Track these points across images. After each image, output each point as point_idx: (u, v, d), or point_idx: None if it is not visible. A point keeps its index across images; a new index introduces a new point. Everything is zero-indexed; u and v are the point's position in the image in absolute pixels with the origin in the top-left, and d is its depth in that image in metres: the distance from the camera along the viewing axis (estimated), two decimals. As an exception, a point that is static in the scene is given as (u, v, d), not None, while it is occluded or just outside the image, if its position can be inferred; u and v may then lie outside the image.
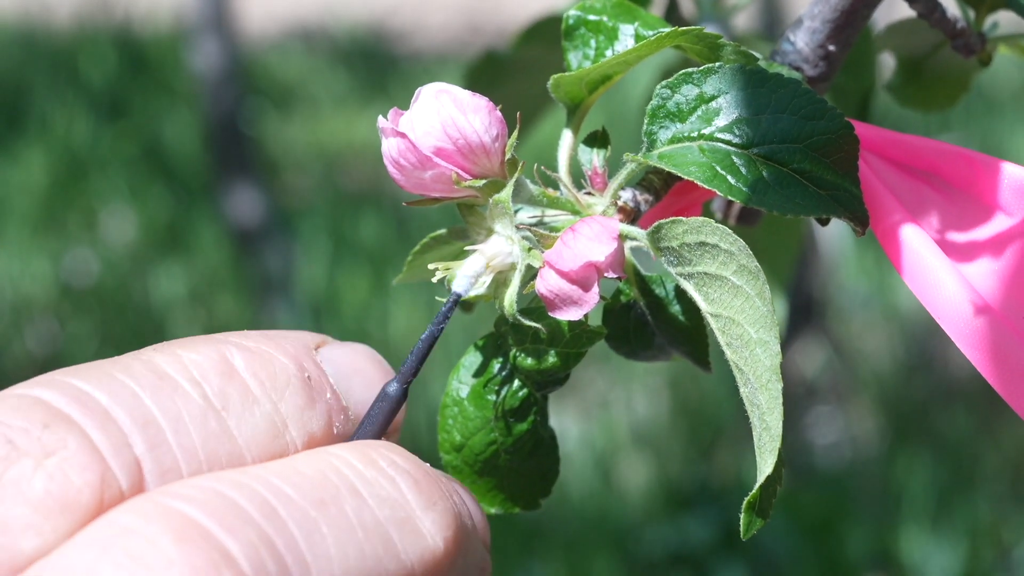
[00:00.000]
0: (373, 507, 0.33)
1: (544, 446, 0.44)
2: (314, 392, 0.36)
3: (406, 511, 0.34)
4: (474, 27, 4.60)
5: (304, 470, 0.33)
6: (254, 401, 0.35)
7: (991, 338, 0.39)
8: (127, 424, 0.32)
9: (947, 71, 0.56)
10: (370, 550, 0.32)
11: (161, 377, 0.34)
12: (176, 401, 0.34)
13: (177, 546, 0.30)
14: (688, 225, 0.39)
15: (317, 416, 0.36)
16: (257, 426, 0.35)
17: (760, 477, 0.38)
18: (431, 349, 0.39)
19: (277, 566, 0.30)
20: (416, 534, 0.33)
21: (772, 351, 0.38)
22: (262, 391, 0.35)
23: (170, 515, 0.30)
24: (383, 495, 0.34)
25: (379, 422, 0.38)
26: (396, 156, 0.41)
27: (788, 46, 0.46)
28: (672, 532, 2.00)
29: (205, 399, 0.34)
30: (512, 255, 0.41)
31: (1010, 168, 0.43)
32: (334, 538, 0.32)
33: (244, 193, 2.52)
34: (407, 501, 0.34)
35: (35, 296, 2.69)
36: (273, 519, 0.31)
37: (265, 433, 0.35)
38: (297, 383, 0.36)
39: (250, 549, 0.30)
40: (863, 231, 0.41)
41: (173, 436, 0.33)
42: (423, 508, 0.34)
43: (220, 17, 2.49)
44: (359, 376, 0.39)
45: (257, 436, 0.34)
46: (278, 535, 0.31)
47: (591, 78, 0.44)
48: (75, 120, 3.35)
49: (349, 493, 0.33)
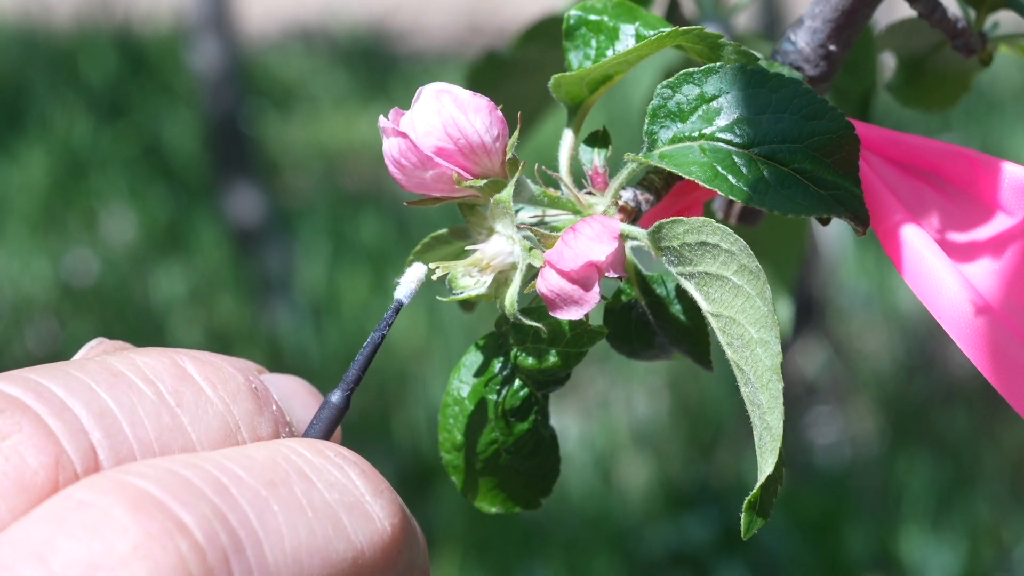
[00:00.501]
0: (322, 490, 0.34)
1: (545, 446, 0.44)
2: (261, 401, 0.37)
3: (355, 496, 0.34)
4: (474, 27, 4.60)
5: (255, 455, 0.34)
6: (207, 401, 0.35)
7: (992, 338, 0.39)
8: (83, 414, 0.33)
9: (948, 71, 0.56)
10: (320, 529, 0.33)
11: (116, 375, 0.34)
12: (131, 396, 0.34)
13: (132, 515, 0.30)
14: (689, 225, 0.39)
15: (266, 423, 0.37)
16: (210, 424, 0.35)
17: (761, 477, 0.38)
18: (373, 357, 0.39)
19: (230, 539, 0.31)
20: (366, 517, 0.34)
21: (773, 351, 0.38)
22: (214, 393, 0.36)
23: (125, 488, 0.31)
24: (332, 480, 0.34)
25: (322, 429, 0.38)
26: (397, 156, 0.41)
27: (789, 46, 0.46)
28: (672, 532, 2.00)
29: (159, 396, 0.35)
30: (513, 255, 0.41)
31: (1010, 168, 0.43)
32: (285, 516, 0.32)
33: (244, 193, 2.52)
34: (356, 487, 0.34)
35: (35, 296, 2.69)
36: (225, 496, 0.32)
37: (218, 431, 0.35)
38: (246, 391, 0.37)
39: (204, 521, 0.31)
40: (864, 231, 0.41)
41: (129, 427, 0.33)
42: (372, 494, 0.35)
43: (220, 17, 2.49)
44: (298, 398, 0.39)
45: (210, 434, 0.35)
46: (231, 511, 0.31)
47: (592, 78, 0.44)
48: (75, 120, 3.35)
49: (298, 477, 0.34)
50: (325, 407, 0.38)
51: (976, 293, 0.40)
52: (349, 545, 0.33)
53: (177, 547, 0.30)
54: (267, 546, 0.32)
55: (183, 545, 0.30)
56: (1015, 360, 0.39)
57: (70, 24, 4.08)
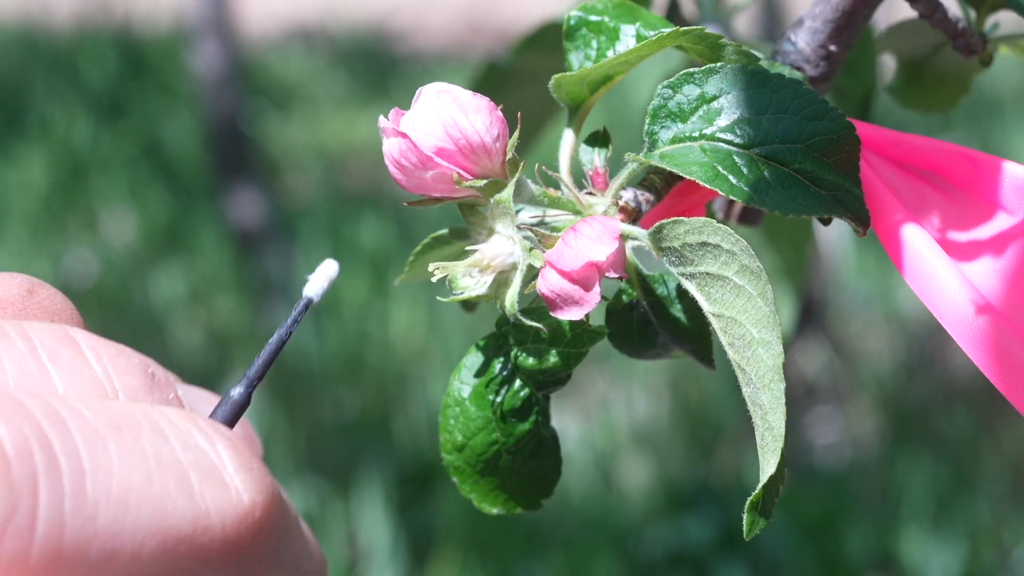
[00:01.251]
0: (175, 447, 0.33)
1: (546, 446, 0.44)
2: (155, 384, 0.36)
3: (213, 462, 0.33)
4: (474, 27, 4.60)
5: (112, 405, 0.33)
6: (85, 364, 0.35)
7: (993, 337, 0.39)
8: None
9: (948, 72, 0.56)
10: (159, 479, 0.32)
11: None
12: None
13: None
14: (690, 225, 0.39)
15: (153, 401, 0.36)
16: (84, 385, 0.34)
17: (763, 477, 0.38)
18: (278, 354, 0.38)
19: (46, 461, 0.30)
20: (220, 484, 0.33)
21: (774, 351, 0.38)
22: (97, 361, 0.35)
23: None
24: (190, 443, 0.33)
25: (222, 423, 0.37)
26: (397, 156, 0.41)
27: (789, 46, 0.46)
28: (672, 532, 2.00)
29: (31, 349, 0.34)
30: (513, 255, 0.41)
31: (1011, 167, 0.43)
32: (121, 458, 0.31)
33: (244, 194, 2.52)
34: (219, 455, 0.33)
35: (35, 296, 2.68)
36: (57, 424, 0.31)
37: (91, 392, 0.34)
38: (137, 370, 0.36)
39: (19, 436, 0.30)
40: (864, 231, 0.41)
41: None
42: (236, 467, 0.34)
43: (220, 18, 2.49)
44: (208, 405, 0.39)
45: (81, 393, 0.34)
46: (58, 437, 0.31)
47: (592, 78, 0.44)
48: (75, 121, 3.35)
49: (151, 429, 0.33)
50: (225, 401, 0.38)
51: (977, 292, 0.40)
52: (191, 503, 0.32)
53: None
54: (90, 479, 0.31)
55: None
56: (1016, 359, 0.39)
57: (70, 25, 4.08)
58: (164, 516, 0.31)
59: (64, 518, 0.30)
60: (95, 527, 0.30)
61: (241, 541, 0.33)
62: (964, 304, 0.40)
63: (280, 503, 0.34)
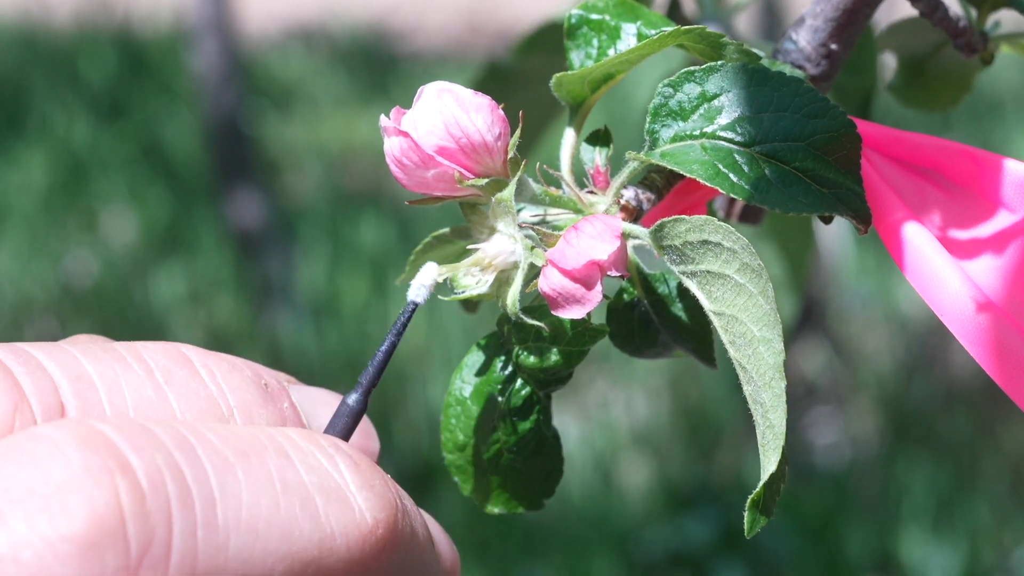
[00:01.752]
0: (300, 470, 0.33)
1: (548, 446, 0.44)
2: (269, 396, 0.37)
3: (337, 483, 0.34)
4: (474, 27, 4.60)
5: (236, 430, 0.33)
6: (200, 384, 0.35)
7: (994, 334, 0.39)
8: (57, 374, 0.33)
9: (949, 71, 0.56)
10: (286, 505, 0.32)
11: (106, 351, 0.35)
12: (116, 368, 0.34)
13: (77, 449, 0.30)
14: (691, 223, 0.39)
15: (268, 415, 0.36)
16: (200, 405, 0.35)
17: (764, 475, 0.38)
18: (389, 359, 0.39)
19: (179, 492, 0.31)
20: (344, 504, 0.33)
21: (775, 349, 0.38)
22: (211, 379, 0.36)
23: (82, 427, 0.31)
24: (314, 464, 0.34)
25: (338, 431, 0.38)
26: (398, 155, 0.40)
27: (790, 45, 0.46)
28: (672, 532, 2.00)
29: (147, 372, 0.35)
30: (515, 254, 0.41)
31: (1012, 164, 0.43)
32: (249, 485, 0.32)
33: (244, 194, 2.52)
34: (341, 475, 0.34)
35: (35, 296, 2.69)
36: (187, 452, 0.31)
37: (208, 413, 0.35)
38: (251, 383, 0.36)
39: (152, 468, 0.30)
40: (865, 229, 0.41)
41: (105, 394, 0.33)
42: (358, 486, 0.34)
43: (220, 18, 2.49)
44: (325, 407, 0.39)
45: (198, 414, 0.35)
46: (188, 466, 0.31)
47: (593, 77, 0.44)
48: (75, 121, 3.35)
49: (276, 453, 0.33)
50: (342, 411, 0.38)
51: (978, 290, 0.40)
52: (316, 527, 0.32)
53: (115, 485, 0.30)
54: (221, 508, 0.31)
55: (122, 484, 0.30)
56: (1018, 356, 0.39)
57: (70, 24, 4.08)
58: (292, 541, 0.32)
59: (197, 547, 0.30)
60: (226, 555, 0.31)
61: (365, 560, 0.33)
62: (965, 301, 0.40)
63: (403, 516, 0.35)
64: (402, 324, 0.39)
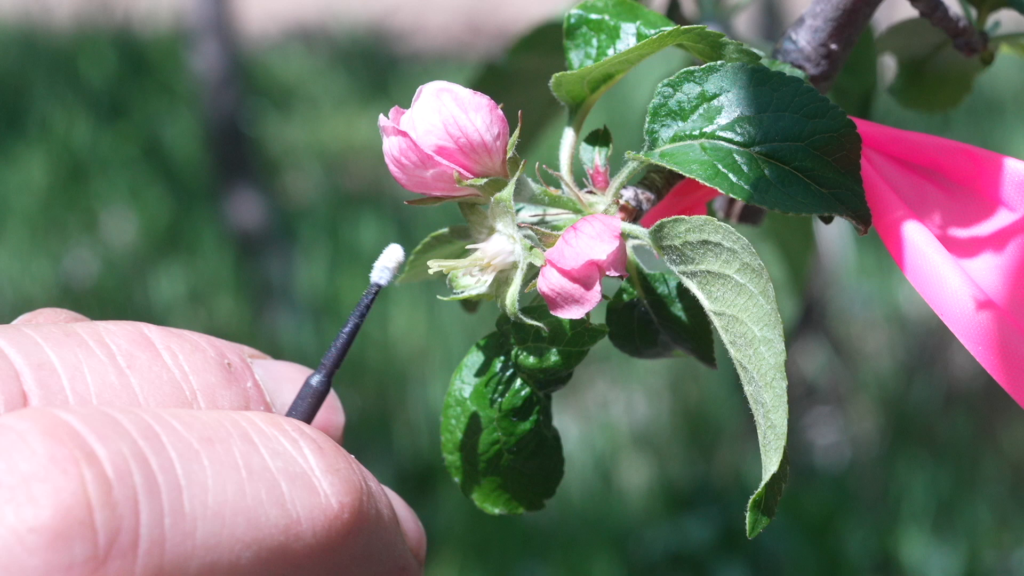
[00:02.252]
0: (265, 455, 0.33)
1: (547, 446, 0.44)
2: (232, 376, 0.37)
3: (302, 468, 0.34)
4: (474, 27, 4.60)
5: (200, 415, 0.33)
6: (163, 367, 0.35)
7: (994, 333, 0.39)
8: (19, 362, 0.33)
9: (949, 72, 0.56)
10: (252, 491, 0.32)
11: (68, 335, 0.34)
12: (77, 354, 0.34)
13: (43, 440, 0.30)
14: (690, 223, 0.39)
15: (232, 396, 0.36)
16: (162, 390, 0.35)
17: (765, 475, 0.38)
18: (352, 341, 0.39)
19: (145, 480, 0.31)
20: (309, 489, 0.33)
21: (776, 349, 0.38)
22: (173, 361, 0.36)
23: (46, 417, 0.31)
24: (278, 449, 0.34)
25: (301, 412, 0.38)
26: (397, 155, 0.40)
27: (790, 45, 0.46)
28: (672, 532, 2.00)
29: (110, 356, 0.34)
30: (514, 254, 0.41)
31: (1012, 163, 0.43)
32: (214, 471, 0.32)
33: (244, 194, 2.52)
34: (306, 460, 0.34)
35: (35, 296, 2.69)
36: (152, 440, 0.31)
37: (170, 397, 0.35)
38: (214, 364, 0.36)
39: (118, 457, 0.30)
40: (865, 229, 0.41)
41: (68, 381, 0.33)
42: (323, 470, 0.34)
43: (220, 18, 2.49)
44: (290, 383, 0.39)
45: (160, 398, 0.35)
46: (154, 454, 0.31)
47: (593, 77, 0.44)
48: (75, 121, 3.35)
49: (240, 439, 0.33)
50: (305, 392, 0.38)
51: (978, 288, 0.40)
52: (282, 512, 0.33)
53: (81, 475, 0.30)
54: (187, 496, 0.31)
55: (88, 474, 0.30)
56: (1018, 354, 0.39)
57: (70, 25, 4.08)
58: (258, 527, 0.32)
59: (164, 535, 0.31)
60: (193, 543, 0.31)
61: (331, 543, 0.33)
62: (965, 300, 0.40)
63: (368, 499, 0.35)
64: (365, 306, 0.39)
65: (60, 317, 0.38)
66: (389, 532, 0.36)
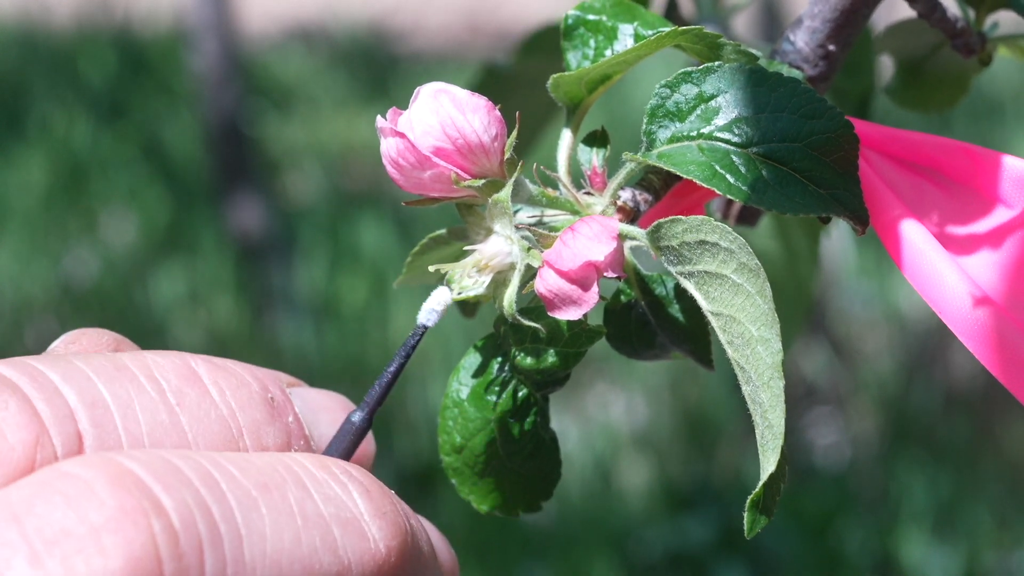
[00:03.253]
0: (318, 501, 0.34)
1: (545, 447, 0.44)
2: (275, 411, 0.37)
3: (352, 513, 0.34)
4: (474, 27, 4.60)
5: (254, 460, 0.34)
6: (211, 404, 0.36)
7: (993, 330, 0.39)
8: (74, 400, 0.33)
9: (946, 73, 0.56)
10: (307, 539, 0.33)
11: (119, 369, 0.35)
12: (129, 390, 0.34)
13: (110, 489, 0.30)
14: (688, 224, 0.39)
15: (275, 433, 0.37)
16: (211, 428, 0.35)
17: (763, 475, 0.38)
18: (397, 380, 0.39)
19: (208, 530, 0.31)
20: (359, 535, 0.34)
21: (773, 349, 0.38)
22: (221, 398, 0.36)
23: (111, 464, 0.31)
24: (330, 494, 0.34)
25: (342, 449, 0.38)
26: (395, 156, 0.40)
27: (788, 45, 0.46)
28: (672, 532, 2.00)
29: (160, 393, 0.35)
30: (511, 255, 0.41)
31: (1010, 160, 0.43)
32: (272, 520, 0.32)
33: (244, 194, 2.52)
34: (355, 504, 0.34)
35: (35, 296, 2.69)
36: (212, 488, 0.32)
37: (218, 435, 0.35)
38: (258, 400, 0.37)
39: (183, 508, 0.31)
40: (863, 230, 0.41)
41: (120, 419, 0.34)
42: (371, 515, 0.35)
43: (220, 18, 2.49)
44: (327, 413, 0.39)
45: (209, 436, 0.35)
46: (215, 503, 0.31)
47: (590, 78, 0.44)
48: (75, 121, 3.35)
49: (295, 485, 0.33)
50: (347, 429, 0.38)
51: (976, 286, 0.40)
52: (335, 559, 0.33)
53: (150, 526, 0.30)
54: (247, 545, 0.31)
55: (156, 525, 0.30)
56: (1017, 351, 0.39)
57: (70, 24, 4.08)
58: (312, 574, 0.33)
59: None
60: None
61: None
62: (963, 298, 0.40)
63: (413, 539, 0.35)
64: (411, 346, 0.40)
65: (103, 340, 0.39)
66: (429, 569, 0.37)
